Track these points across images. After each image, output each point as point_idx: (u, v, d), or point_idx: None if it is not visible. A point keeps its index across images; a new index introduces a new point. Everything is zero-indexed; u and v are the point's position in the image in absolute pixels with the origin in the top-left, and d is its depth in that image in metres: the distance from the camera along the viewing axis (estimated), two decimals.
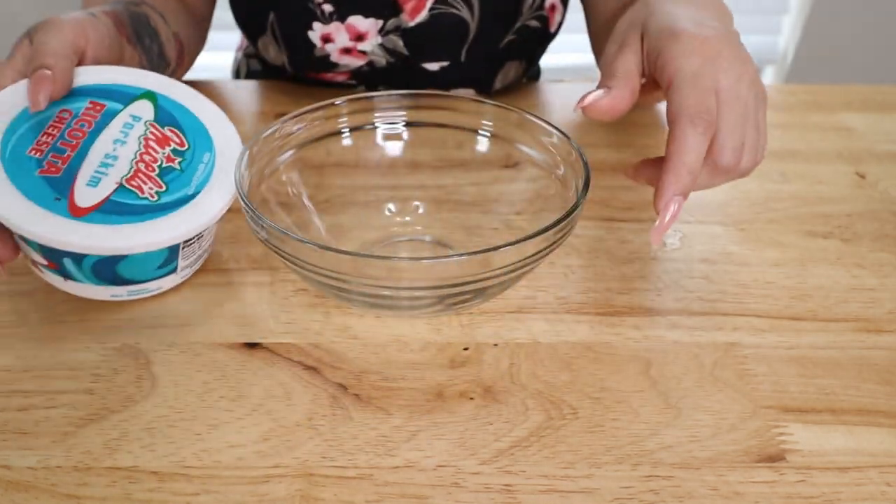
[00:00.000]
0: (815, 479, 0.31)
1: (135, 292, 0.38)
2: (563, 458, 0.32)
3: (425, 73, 0.62)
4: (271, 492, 0.30)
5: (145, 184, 0.36)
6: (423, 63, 0.61)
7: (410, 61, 0.60)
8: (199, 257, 0.40)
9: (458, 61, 0.61)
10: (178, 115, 0.40)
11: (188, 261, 0.39)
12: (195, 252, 0.39)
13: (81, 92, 0.39)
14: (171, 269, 0.38)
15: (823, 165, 0.55)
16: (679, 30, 0.34)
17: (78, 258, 0.35)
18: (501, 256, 0.32)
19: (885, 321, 0.40)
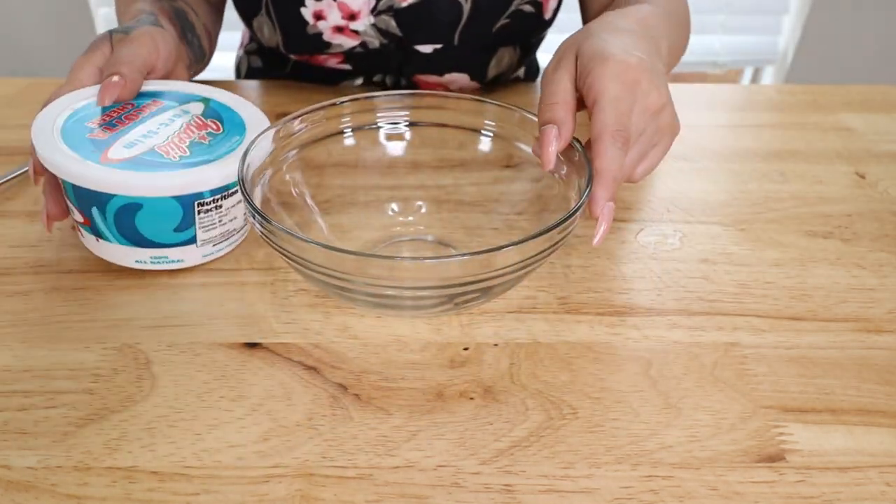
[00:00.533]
0: (815, 479, 0.31)
1: (157, 260, 0.40)
2: (563, 458, 0.32)
3: (419, 56, 0.62)
4: (271, 492, 0.30)
5: (172, 149, 0.40)
6: (417, 45, 0.61)
7: (404, 43, 0.60)
8: (224, 238, 0.42)
9: (451, 45, 0.61)
10: (223, 112, 0.44)
11: (208, 234, 0.40)
12: (214, 225, 0.40)
13: (146, 94, 0.45)
14: (190, 238, 0.40)
15: (823, 165, 0.55)
16: (608, 55, 0.38)
17: (101, 206, 0.38)
18: (504, 256, 0.32)
19: (884, 321, 0.40)
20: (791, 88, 0.68)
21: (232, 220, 0.42)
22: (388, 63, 0.63)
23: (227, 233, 0.42)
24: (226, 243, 0.42)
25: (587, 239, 0.46)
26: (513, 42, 0.64)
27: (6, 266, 0.43)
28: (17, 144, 0.56)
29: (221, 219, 0.41)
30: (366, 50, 0.61)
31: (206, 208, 0.39)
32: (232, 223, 0.42)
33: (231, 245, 0.43)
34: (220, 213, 0.40)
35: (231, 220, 0.41)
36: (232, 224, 0.42)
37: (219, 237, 0.41)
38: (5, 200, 0.49)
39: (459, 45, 0.61)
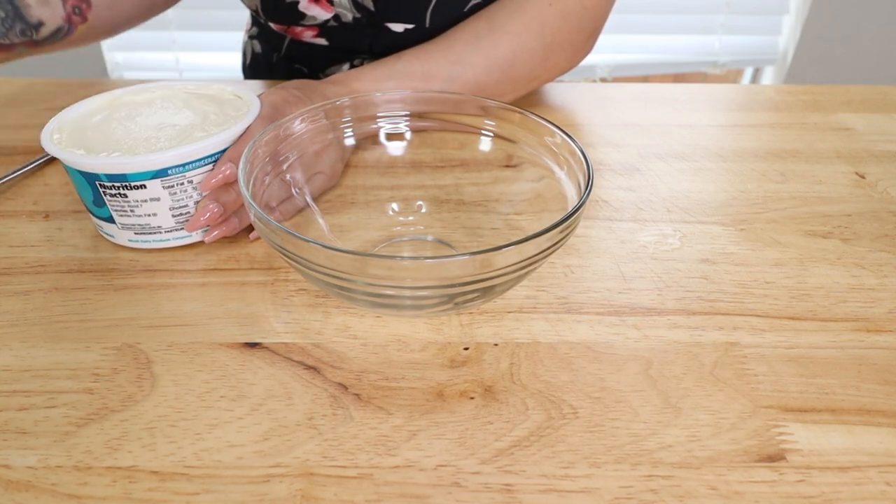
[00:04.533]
0: (815, 478, 0.31)
1: (99, 227, 0.44)
2: (563, 458, 0.32)
3: (390, 34, 0.62)
4: (271, 491, 0.30)
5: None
6: (388, 23, 0.61)
7: (375, 19, 0.61)
8: (149, 232, 0.42)
9: (422, 25, 0.61)
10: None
11: (124, 219, 0.42)
12: (126, 213, 0.41)
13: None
14: (109, 217, 0.42)
15: (823, 165, 0.55)
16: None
17: (90, 176, 0.40)
18: (504, 256, 0.32)
19: (884, 321, 0.40)
20: (791, 88, 0.68)
21: (151, 216, 0.42)
22: (361, 39, 0.63)
23: (149, 227, 0.42)
24: (154, 239, 0.43)
25: (587, 239, 0.46)
26: None
27: (6, 266, 0.43)
28: (17, 144, 0.56)
29: (134, 209, 0.41)
30: (339, 24, 0.61)
31: (109, 192, 0.41)
32: (152, 219, 0.42)
33: (165, 243, 0.43)
34: (127, 202, 0.41)
35: (150, 215, 0.42)
36: (153, 220, 0.42)
37: (139, 228, 0.42)
38: (5, 200, 0.49)
39: (430, 26, 0.61)
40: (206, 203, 0.41)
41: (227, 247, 0.44)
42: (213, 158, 0.42)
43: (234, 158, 0.41)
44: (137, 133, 0.42)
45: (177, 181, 0.41)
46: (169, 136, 0.42)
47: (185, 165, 0.41)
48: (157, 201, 0.41)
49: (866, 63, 1.61)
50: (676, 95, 0.67)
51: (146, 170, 0.40)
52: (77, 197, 0.49)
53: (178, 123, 0.43)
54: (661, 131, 0.60)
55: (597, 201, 0.50)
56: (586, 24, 0.58)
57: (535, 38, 0.56)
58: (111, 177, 0.40)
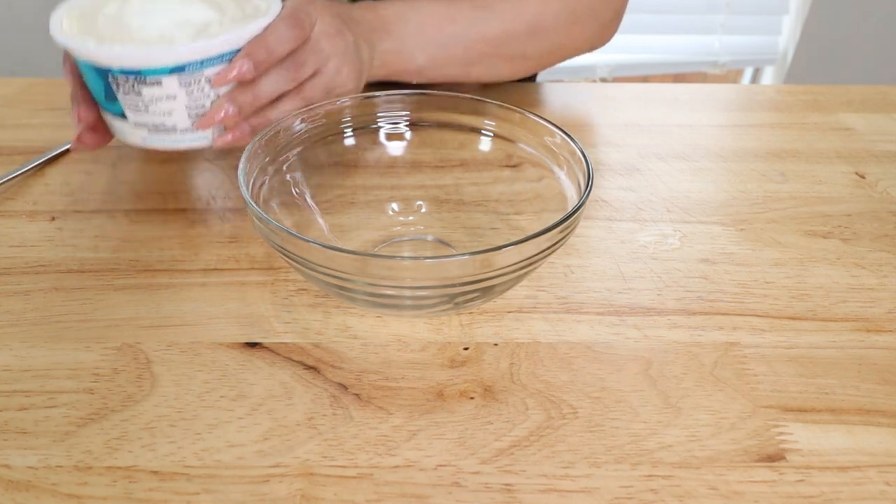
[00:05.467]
0: (815, 478, 0.31)
1: (109, 124, 0.42)
2: (563, 458, 0.32)
3: None
4: (272, 491, 0.30)
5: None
6: None
7: None
8: (162, 131, 0.41)
9: None
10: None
11: (138, 117, 0.40)
12: (139, 109, 0.39)
13: None
14: (120, 112, 0.40)
15: (823, 165, 0.55)
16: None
17: (101, 71, 0.38)
18: (504, 256, 0.32)
19: (884, 321, 0.40)
20: (791, 88, 0.68)
21: (166, 115, 0.40)
22: None
23: (163, 126, 0.40)
24: (169, 139, 0.41)
25: (587, 239, 0.46)
26: None
27: (6, 266, 0.43)
28: (17, 144, 0.56)
29: (148, 107, 0.39)
30: None
31: (122, 87, 0.39)
32: (167, 118, 0.40)
33: (179, 144, 0.41)
34: (141, 99, 0.39)
35: (165, 113, 0.40)
36: (168, 119, 0.40)
37: (153, 127, 0.40)
38: (5, 200, 0.49)
39: None
40: (222, 102, 0.40)
41: (227, 247, 0.44)
42: (231, 56, 0.40)
43: (253, 55, 0.40)
44: (153, 27, 0.39)
45: (194, 79, 0.39)
46: (187, 33, 0.39)
47: (203, 62, 0.38)
48: (173, 99, 0.39)
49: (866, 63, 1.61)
50: (676, 95, 0.67)
51: (163, 65, 0.38)
52: (77, 197, 0.49)
53: (195, 19, 0.41)
54: (661, 131, 0.60)
55: (597, 201, 0.50)
56: (611, 2, 0.58)
57: (561, 3, 0.56)
58: (125, 71, 0.38)
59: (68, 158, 0.54)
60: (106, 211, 0.48)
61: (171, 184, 0.51)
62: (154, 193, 0.50)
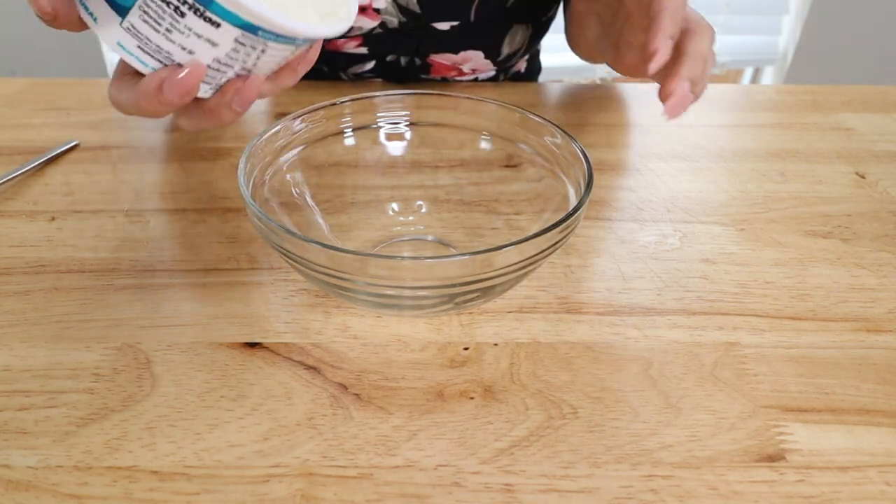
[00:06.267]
0: (815, 478, 0.31)
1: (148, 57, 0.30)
2: (563, 458, 0.32)
3: (436, 33, 0.62)
4: (272, 491, 0.30)
5: None
6: (434, 23, 0.61)
7: (422, 21, 0.61)
8: (160, 55, 0.30)
9: (467, 21, 0.61)
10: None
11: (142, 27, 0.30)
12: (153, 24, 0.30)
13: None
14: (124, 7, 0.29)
15: (823, 165, 0.55)
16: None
17: None
18: (504, 256, 0.32)
19: (884, 321, 0.40)
20: (791, 88, 0.68)
21: (181, 51, 0.30)
22: (407, 43, 0.63)
23: (167, 58, 0.30)
24: (150, 60, 0.30)
25: (587, 239, 0.46)
26: (526, 18, 0.64)
27: (6, 266, 0.43)
28: (17, 144, 0.56)
29: (172, 31, 0.29)
30: (385, 30, 0.62)
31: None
32: (181, 55, 0.30)
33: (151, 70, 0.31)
34: (176, 22, 0.29)
35: (181, 49, 0.30)
36: (179, 56, 0.30)
37: (155, 50, 0.30)
38: (5, 200, 0.49)
39: (475, 21, 0.62)
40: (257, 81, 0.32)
41: (227, 247, 0.44)
42: (299, 45, 0.32)
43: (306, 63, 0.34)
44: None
45: (252, 44, 0.31)
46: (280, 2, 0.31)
47: (279, 37, 0.31)
48: (209, 46, 0.30)
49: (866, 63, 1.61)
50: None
51: (239, 14, 0.29)
52: (77, 197, 0.49)
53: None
54: (661, 131, 0.60)
55: (597, 201, 0.50)
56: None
57: None
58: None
59: (68, 158, 0.54)
60: (106, 211, 0.48)
61: (171, 184, 0.51)
62: (154, 193, 0.50)
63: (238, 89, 0.32)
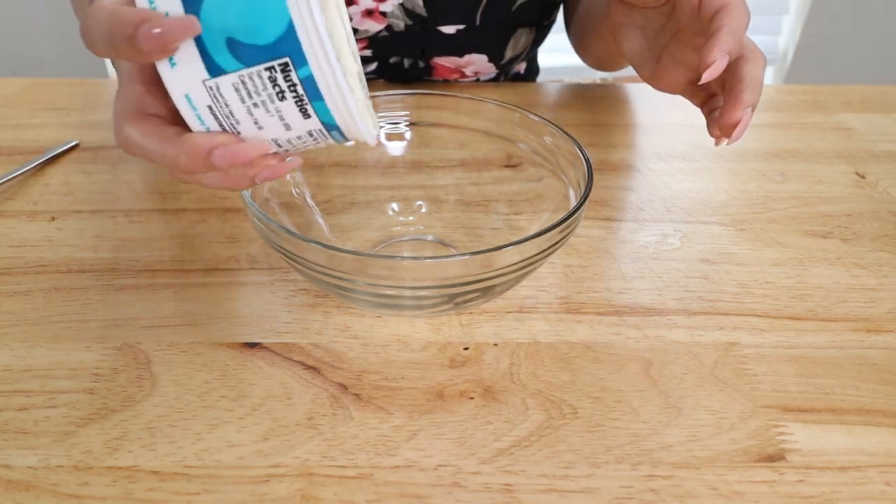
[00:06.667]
0: (815, 478, 0.31)
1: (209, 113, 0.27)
2: (563, 458, 0.32)
3: (441, 37, 0.62)
4: (271, 491, 0.30)
5: None
6: (439, 26, 0.61)
7: (428, 24, 0.61)
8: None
9: (472, 24, 0.62)
10: None
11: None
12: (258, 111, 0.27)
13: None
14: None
15: (823, 165, 0.55)
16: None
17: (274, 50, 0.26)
18: (504, 256, 0.32)
19: (884, 321, 0.40)
20: (791, 88, 0.68)
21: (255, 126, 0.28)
22: (412, 46, 0.64)
23: (233, 121, 0.27)
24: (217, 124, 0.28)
25: (587, 239, 0.46)
26: (529, 22, 0.65)
27: (6, 266, 0.43)
28: (17, 144, 0.56)
29: (258, 104, 0.27)
30: (390, 33, 0.62)
31: (279, 82, 0.26)
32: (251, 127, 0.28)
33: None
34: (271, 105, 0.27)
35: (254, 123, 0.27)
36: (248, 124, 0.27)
37: (225, 114, 0.27)
38: (5, 200, 0.49)
39: (481, 25, 0.62)
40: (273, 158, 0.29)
41: (227, 247, 0.44)
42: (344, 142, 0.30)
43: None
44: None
45: (318, 138, 0.29)
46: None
47: (344, 137, 0.29)
48: (285, 130, 0.28)
49: (866, 63, 1.61)
50: (677, 95, 0.66)
51: (337, 119, 0.27)
52: (77, 197, 0.49)
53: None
54: (661, 131, 0.60)
55: (597, 201, 0.50)
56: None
57: None
58: (309, 82, 0.26)
59: (68, 158, 0.54)
60: (106, 211, 0.48)
61: (172, 184, 0.51)
62: (154, 193, 0.50)
63: (272, 167, 0.29)
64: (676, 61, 0.41)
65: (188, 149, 0.27)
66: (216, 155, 0.27)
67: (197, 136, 0.27)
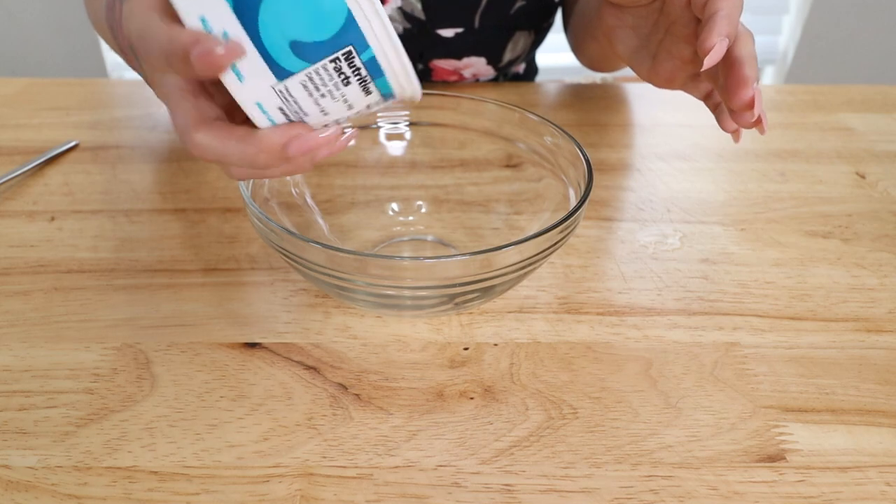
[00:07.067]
0: (815, 478, 0.31)
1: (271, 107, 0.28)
2: (563, 458, 0.32)
3: (440, 40, 0.63)
4: (271, 491, 0.30)
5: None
6: (438, 29, 0.62)
7: (426, 27, 0.61)
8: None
9: (471, 27, 0.62)
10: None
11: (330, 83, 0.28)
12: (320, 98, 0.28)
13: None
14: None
15: (823, 165, 0.55)
16: None
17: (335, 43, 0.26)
18: (504, 256, 0.32)
19: (884, 321, 0.40)
20: (791, 88, 0.68)
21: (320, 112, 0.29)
22: (410, 50, 0.64)
23: (301, 113, 0.28)
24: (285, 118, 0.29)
25: (587, 239, 0.46)
26: (528, 25, 0.65)
27: (6, 266, 0.43)
28: (17, 144, 0.56)
29: (325, 94, 0.28)
30: None
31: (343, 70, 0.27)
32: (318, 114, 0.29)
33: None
34: (336, 91, 0.28)
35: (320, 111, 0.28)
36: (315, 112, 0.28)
37: (294, 110, 0.28)
38: (5, 200, 0.49)
39: (479, 28, 0.62)
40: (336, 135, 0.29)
41: (227, 247, 0.44)
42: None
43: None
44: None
45: (376, 107, 0.29)
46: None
47: (393, 100, 0.29)
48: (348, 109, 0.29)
49: (866, 63, 1.61)
50: (676, 95, 0.67)
51: (396, 89, 0.28)
52: (77, 197, 0.49)
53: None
54: (661, 131, 0.60)
55: (597, 201, 0.50)
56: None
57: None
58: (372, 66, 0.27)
59: (68, 158, 0.54)
60: (106, 211, 0.48)
61: (171, 184, 0.51)
62: (154, 193, 0.50)
63: (336, 146, 0.29)
64: (672, 56, 0.41)
65: (266, 146, 0.28)
66: (292, 147, 0.28)
67: (270, 132, 0.28)
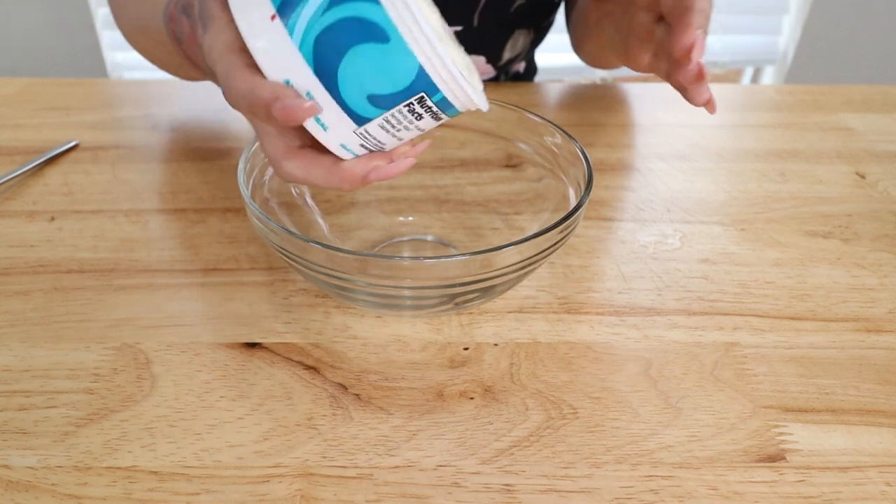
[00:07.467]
0: (815, 478, 0.31)
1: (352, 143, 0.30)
2: (563, 458, 0.32)
3: None
4: (271, 492, 0.30)
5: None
6: None
7: None
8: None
9: (470, 26, 0.62)
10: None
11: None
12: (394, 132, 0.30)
13: None
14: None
15: (823, 165, 0.55)
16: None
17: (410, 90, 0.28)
18: (504, 256, 0.32)
19: (884, 321, 0.40)
20: (791, 88, 0.68)
21: (396, 140, 0.31)
22: None
23: (379, 145, 0.31)
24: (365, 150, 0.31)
25: (587, 239, 0.46)
26: (528, 24, 0.65)
27: (6, 266, 0.43)
28: (17, 144, 0.56)
29: (400, 129, 0.30)
30: None
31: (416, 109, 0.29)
32: (394, 143, 0.31)
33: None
34: (409, 124, 0.30)
35: (397, 141, 0.31)
36: (391, 142, 0.31)
37: (374, 143, 0.31)
38: (5, 200, 0.49)
39: (479, 26, 0.62)
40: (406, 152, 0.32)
41: (227, 247, 0.44)
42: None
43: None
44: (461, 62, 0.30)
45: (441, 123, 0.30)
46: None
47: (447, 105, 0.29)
48: (418, 132, 0.31)
49: (866, 63, 1.61)
50: (676, 95, 0.67)
51: (460, 109, 0.30)
52: (77, 197, 0.49)
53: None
54: (661, 131, 0.60)
55: (597, 201, 0.50)
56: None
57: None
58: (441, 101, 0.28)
59: (68, 158, 0.54)
60: (106, 211, 0.48)
61: (171, 184, 0.51)
62: (154, 193, 0.50)
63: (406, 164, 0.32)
64: (638, 37, 0.42)
65: (349, 176, 0.31)
66: (372, 176, 0.31)
67: (354, 165, 0.31)
